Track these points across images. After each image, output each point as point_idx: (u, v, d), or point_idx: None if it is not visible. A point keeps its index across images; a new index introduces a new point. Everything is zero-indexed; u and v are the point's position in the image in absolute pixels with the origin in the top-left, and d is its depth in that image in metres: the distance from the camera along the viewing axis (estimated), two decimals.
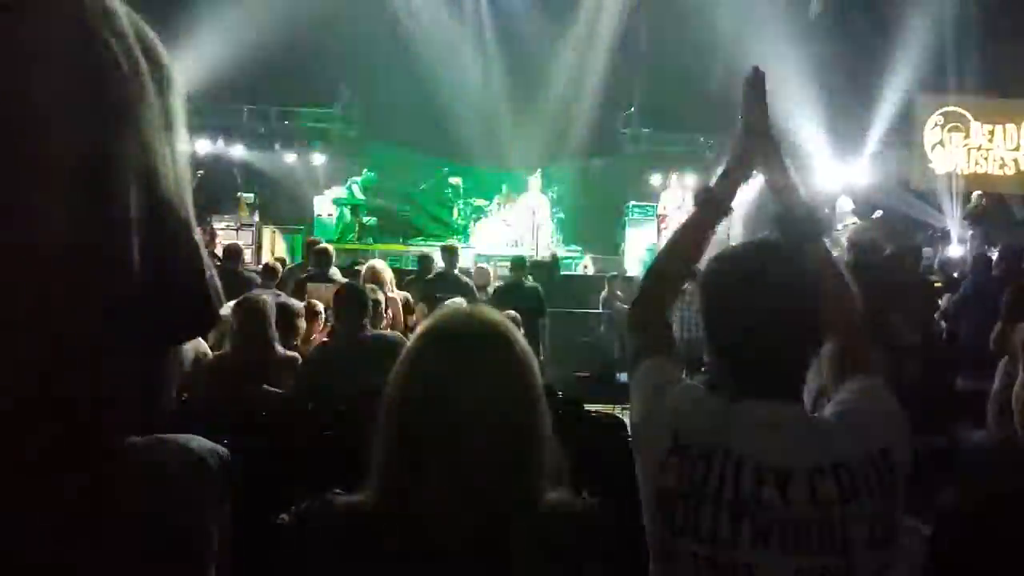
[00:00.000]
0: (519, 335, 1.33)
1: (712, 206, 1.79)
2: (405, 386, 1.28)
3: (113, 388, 0.82)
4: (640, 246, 13.86)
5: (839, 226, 11.96)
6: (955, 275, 8.71)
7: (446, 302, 1.34)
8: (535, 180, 14.32)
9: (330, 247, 8.48)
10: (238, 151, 15.22)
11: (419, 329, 1.34)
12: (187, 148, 0.88)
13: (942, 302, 7.16)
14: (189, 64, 11.70)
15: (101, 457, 0.85)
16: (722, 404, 1.51)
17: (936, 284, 8.20)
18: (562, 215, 15.05)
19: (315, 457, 3.13)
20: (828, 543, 1.39)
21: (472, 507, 1.23)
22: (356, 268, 8.11)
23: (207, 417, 3.68)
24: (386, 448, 1.27)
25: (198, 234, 0.87)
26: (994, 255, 7.51)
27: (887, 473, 1.44)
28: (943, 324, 6.87)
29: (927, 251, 11.88)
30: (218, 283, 0.89)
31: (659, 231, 13.98)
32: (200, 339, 4.82)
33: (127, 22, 0.80)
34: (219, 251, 11.53)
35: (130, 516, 0.88)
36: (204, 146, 14.32)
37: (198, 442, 1.33)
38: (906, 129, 16.65)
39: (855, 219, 12.64)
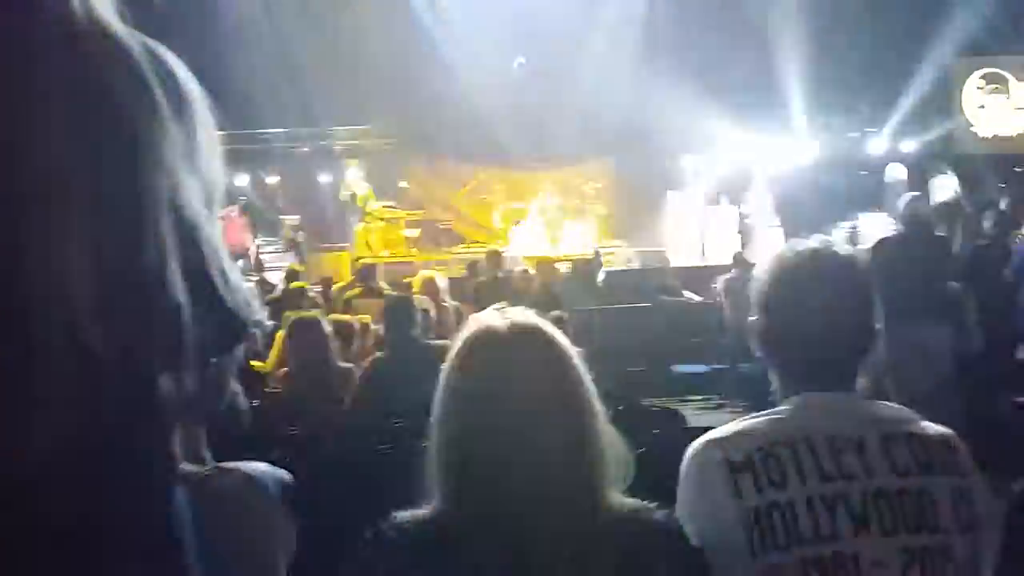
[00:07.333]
0: (558, 334, 1.34)
1: None
2: (449, 396, 1.30)
3: (164, 415, 0.81)
4: (681, 235, 13.71)
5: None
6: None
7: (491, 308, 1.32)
8: None
9: (375, 262, 8.55)
10: (276, 176, 15.40)
11: (457, 340, 1.35)
12: (216, 174, 0.87)
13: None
14: (220, 94, 11.75)
15: (161, 487, 0.83)
16: (770, 410, 1.52)
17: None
18: (603, 210, 15.01)
19: (378, 472, 3.15)
20: (920, 516, 1.38)
21: (537, 512, 1.23)
22: (407, 280, 8.16)
23: (274, 440, 3.73)
24: (440, 461, 1.29)
25: (226, 250, 0.86)
26: None
27: (954, 455, 1.45)
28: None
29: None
30: (251, 293, 0.89)
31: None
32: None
33: (141, 51, 0.79)
34: (266, 275, 11.68)
35: (195, 545, 0.88)
36: (242, 176, 14.57)
37: (259, 469, 1.34)
38: (945, 94, 16.21)
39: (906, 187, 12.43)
